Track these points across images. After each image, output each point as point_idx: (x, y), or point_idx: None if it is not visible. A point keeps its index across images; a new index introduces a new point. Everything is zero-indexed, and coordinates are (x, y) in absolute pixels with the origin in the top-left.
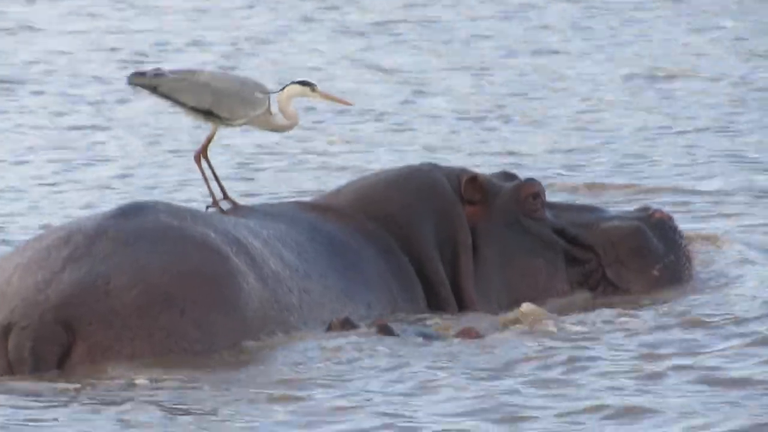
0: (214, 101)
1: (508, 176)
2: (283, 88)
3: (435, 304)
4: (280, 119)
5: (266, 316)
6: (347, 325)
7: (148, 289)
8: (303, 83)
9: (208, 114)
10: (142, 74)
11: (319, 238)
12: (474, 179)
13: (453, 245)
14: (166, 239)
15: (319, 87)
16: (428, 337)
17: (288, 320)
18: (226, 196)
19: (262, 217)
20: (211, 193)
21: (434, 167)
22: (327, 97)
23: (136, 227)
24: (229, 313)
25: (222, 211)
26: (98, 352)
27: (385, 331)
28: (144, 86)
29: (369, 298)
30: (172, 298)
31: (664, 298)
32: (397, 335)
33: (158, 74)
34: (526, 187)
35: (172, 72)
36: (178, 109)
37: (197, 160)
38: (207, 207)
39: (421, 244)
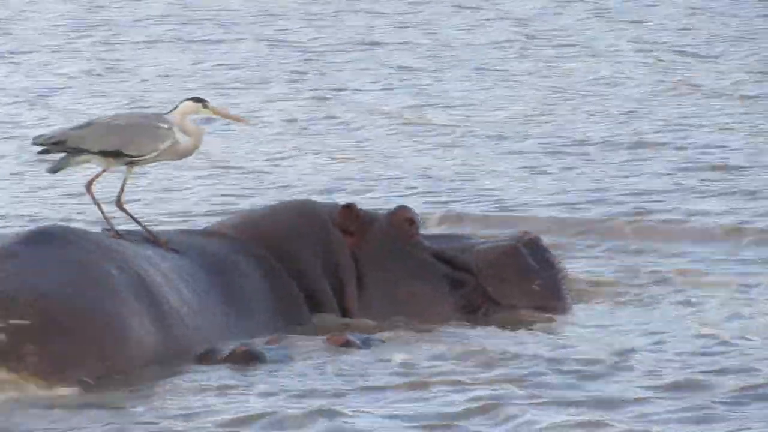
0: (122, 141)
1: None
2: (176, 107)
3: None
4: (184, 144)
5: (156, 355)
6: (210, 356)
7: (42, 315)
8: (195, 99)
9: (117, 156)
10: (42, 136)
11: (207, 265)
12: (348, 207)
13: (334, 270)
14: (70, 273)
15: (211, 103)
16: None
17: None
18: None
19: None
20: (109, 223)
21: (312, 201)
22: (219, 113)
23: (43, 256)
24: (116, 351)
25: (119, 235)
26: None
27: (248, 357)
28: (50, 144)
29: (250, 324)
30: (65, 326)
31: (545, 312)
32: (263, 359)
33: (61, 132)
34: (399, 213)
35: (72, 128)
36: (89, 163)
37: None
38: (103, 229)
39: (303, 263)
